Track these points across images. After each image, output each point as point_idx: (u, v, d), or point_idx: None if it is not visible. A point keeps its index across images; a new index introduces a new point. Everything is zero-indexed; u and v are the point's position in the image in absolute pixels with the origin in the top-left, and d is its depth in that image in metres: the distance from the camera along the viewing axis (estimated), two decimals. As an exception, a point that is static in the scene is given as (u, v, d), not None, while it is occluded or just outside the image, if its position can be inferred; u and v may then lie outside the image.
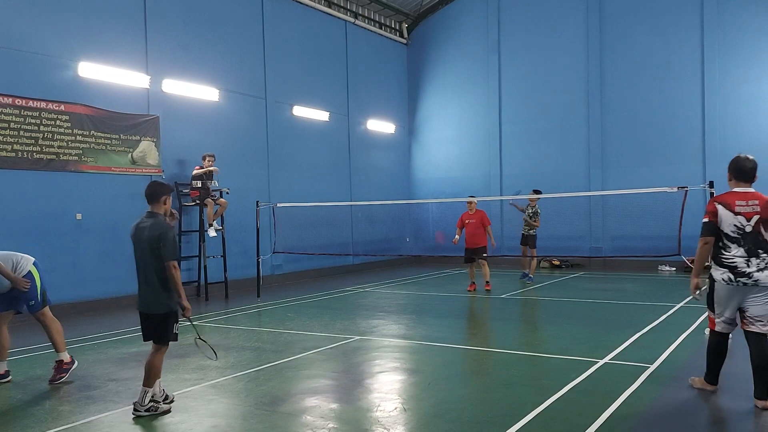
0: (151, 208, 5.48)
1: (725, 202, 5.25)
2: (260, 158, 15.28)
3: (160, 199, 5.48)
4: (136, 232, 5.40)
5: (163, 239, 5.24)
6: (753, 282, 5.14)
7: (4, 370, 6.59)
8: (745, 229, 5.17)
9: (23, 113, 10.42)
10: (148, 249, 5.27)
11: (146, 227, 5.32)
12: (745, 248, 5.17)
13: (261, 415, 5.29)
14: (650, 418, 4.97)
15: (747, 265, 5.15)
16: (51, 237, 10.84)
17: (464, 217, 13.00)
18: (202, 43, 13.83)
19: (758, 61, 15.71)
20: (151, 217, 5.42)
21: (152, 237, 5.25)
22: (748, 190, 5.32)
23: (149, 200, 5.50)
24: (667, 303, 10.58)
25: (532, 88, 18.71)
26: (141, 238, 5.33)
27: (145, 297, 5.37)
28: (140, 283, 5.41)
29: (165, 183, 5.61)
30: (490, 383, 6.33)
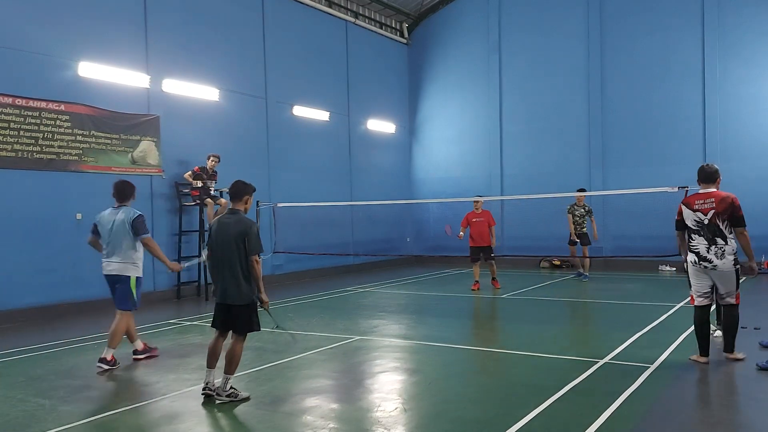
0: (233, 206, 5.75)
1: (687, 203, 6.54)
2: (260, 158, 15.28)
3: (242, 197, 5.76)
4: (219, 228, 5.63)
5: (248, 234, 5.52)
6: (712, 266, 6.34)
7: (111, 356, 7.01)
8: (703, 222, 6.37)
9: (23, 113, 10.42)
10: (233, 244, 5.52)
11: (231, 223, 5.59)
12: (705, 238, 6.36)
13: (261, 415, 5.29)
14: (650, 418, 4.97)
15: (707, 252, 6.35)
16: (51, 237, 10.85)
17: (470, 216, 13.04)
18: (202, 43, 13.83)
19: (758, 61, 15.70)
20: (234, 213, 5.68)
21: (238, 232, 5.52)
22: (709, 190, 6.45)
23: (233, 198, 5.77)
24: (668, 303, 10.57)
25: (533, 87, 18.70)
26: (225, 234, 5.56)
27: (228, 288, 5.60)
28: (221, 276, 5.63)
29: (248, 183, 5.87)
30: (491, 383, 6.33)
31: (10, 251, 10.32)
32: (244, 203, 5.78)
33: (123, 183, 7.35)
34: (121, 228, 7.06)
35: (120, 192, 7.26)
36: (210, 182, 12.54)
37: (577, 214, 14.38)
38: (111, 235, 7.09)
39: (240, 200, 5.76)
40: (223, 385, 5.57)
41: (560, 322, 9.88)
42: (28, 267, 10.54)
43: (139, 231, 7.08)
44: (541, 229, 15.87)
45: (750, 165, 15.60)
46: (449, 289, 13.50)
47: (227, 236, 5.57)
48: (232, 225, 5.60)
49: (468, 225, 13.01)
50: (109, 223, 7.12)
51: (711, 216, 6.31)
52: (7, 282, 10.25)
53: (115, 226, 7.08)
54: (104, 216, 7.22)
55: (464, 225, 13.10)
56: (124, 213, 7.13)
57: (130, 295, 7.12)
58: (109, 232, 7.11)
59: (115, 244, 7.08)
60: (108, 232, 7.11)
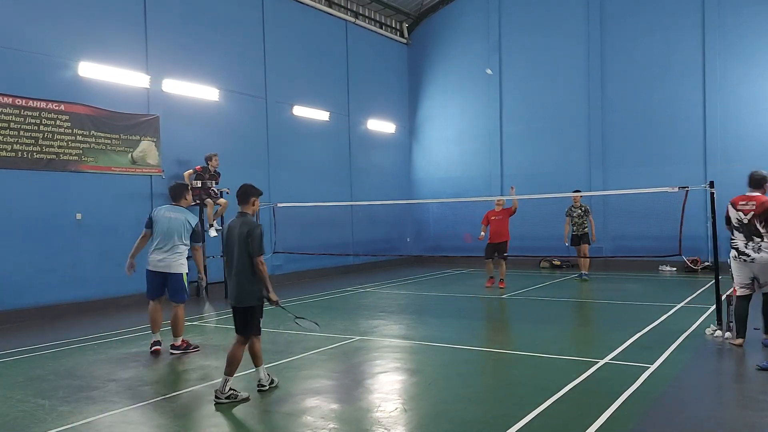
0: (241, 209, 5.85)
1: (733, 202, 7.27)
2: (260, 158, 15.27)
3: (249, 200, 5.86)
4: (228, 231, 5.80)
5: (251, 235, 5.60)
6: (750, 260, 7.01)
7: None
8: (742, 221, 7.09)
9: (23, 113, 10.42)
10: (239, 245, 5.63)
11: (237, 225, 5.73)
12: (744, 235, 7.08)
13: (261, 415, 5.29)
14: (650, 418, 4.97)
15: (745, 247, 7.06)
16: (51, 237, 10.84)
17: (489, 215, 13.32)
18: (202, 43, 13.82)
19: (759, 61, 15.69)
20: (241, 216, 5.80)
21: (242, 233, 5.63)
22: (753, 194, 7.15)
23: (240, 201, 5.87)
24: (668, 303, 10.57)
25: (533, 87, 18.70)
26: (233, 236, 5.70)
27: (237, 290, 5.70)
28: (231, 278, 5.78)
29: (254, 186, 6.01)
30: (491, 383, 6.32)
31: (10, 251, 10.32)
32: (251, 205, 5.87)
33: (176, 185, 7.94)
34: (178, 226, 7.48)
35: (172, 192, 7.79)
36: (210, 182, 12.53)
37: (575, 215, 14.39)
38: (166, 231, 7.47)
39: (247, 203, 5.86)
40: (222, 387, 5.58)
41: (560, 322, 9.87)
42: (28, 267, 10.53)
43: (197, 237, 7.68)
44: (541, 229, 15.86)
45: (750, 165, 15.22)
46: (449, 290, 13.49)
47: (233, 238, 5.69)
48: (238, 227, 5.70)
49: (488, 223, 13.30)
50: (166, 220, 7.50)
51: (750, 217, 7.03)
52: (7, 282, 10.25)
53: (173, 224, 7.48)
54: (160, 211, 7.64)
55: (485, 223, 13.35)
56: (183, 213, 7.62)
57: (184, 288, 7.60)
58: (165, 228, 7.48)
59: (168, 241, 7.46)
60: (164, 228, 7.48)
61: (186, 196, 7.81)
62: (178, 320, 7.54)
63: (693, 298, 11.24)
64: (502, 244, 13.18)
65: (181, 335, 7.63)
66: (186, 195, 7.81)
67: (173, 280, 7.55)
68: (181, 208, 7.70)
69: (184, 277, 7.62)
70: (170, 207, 7.70)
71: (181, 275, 7.59)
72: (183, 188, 7.87)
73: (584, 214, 14.40)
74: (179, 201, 7.74)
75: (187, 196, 7.83)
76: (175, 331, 7.58)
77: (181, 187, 7.86)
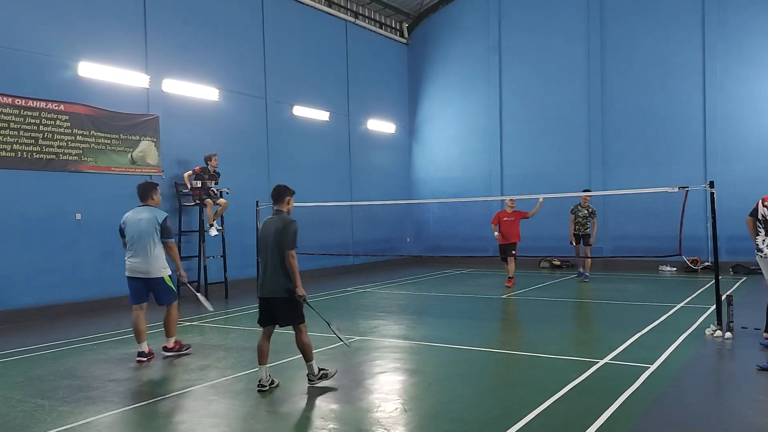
0: (277, 207, 6.14)
1: (763, 199, 7.32)
2: (260, 158, 15.28)
3: (284, 199, 6.14)
4: (264, 227, 6.05)
5: (286, 229, 5.85)
6: (764, 255, 7.18)
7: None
8: (766, 217, 7.17)
9: (23, 113, 10.42)
10: (274, 241, 5.87)
11: (273, 222, 6.00)
12: (765, 230, 7.20)
13: (261, 416, 5.28)
14: (650, 418, 4.96)
15: (762, 243, 7.18)
16: (51, 237, 10.84)
17: (501, 215, 13.49)
18: (202, 43, 13.83)
19: (759, 61, 15.69)
20: (277, 214, 6.09)
21: (278, 228, 5.88)
22: None
23: (275, 200, 6.15)
24: (668, 303, 10.57)
25: (533, 87, 18.70)
26: (268, 232, 5.95)
27: (270, 284, 5.92)
28: (264, 270, 5.97)
29: (288, 186, 6.27)
30: (491, 383, 6.32)
31: (10, 251, 10.32)
32: (286, 204, 6.14)
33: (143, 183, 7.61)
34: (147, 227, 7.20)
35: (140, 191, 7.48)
36: (210, 182, 12.52)
37: (580, 215, 14.40)
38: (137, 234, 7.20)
39: (282, 202, 6.12)
40: (312, 371, 5.98)
41: (560, 322, 9.87)
42: (28, 267, 10.54)
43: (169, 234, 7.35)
44: (541, 229, 15.83)
45: (750, 165, 15.60)
46: (449, 290, 13.49)
47: (269, 234, 5.94)
48: (273, 223, 5.99)
49: (498, 223, 13.46)
50: (135, 223, 7.24)
51: None
52: (7, 282, 10.25)
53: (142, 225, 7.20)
54: (128, 216, 7.35)
55: (495, 223, 13.54)
56: (150, 212, 7.31)
57: (170, 289, 7.37)
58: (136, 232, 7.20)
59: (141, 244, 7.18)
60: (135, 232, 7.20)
61: (153, 196, 7.48)
62: (170, 320, 7.35)
63: (693, 298, 11.24)
64: (512, 244, 13.41)
65: (174, 335, 7.44)
66: (153, 194, 7.49)
67: (157, 285, 7.27)
68: (149, 207, 7.39)
69: (167, 280, 7.33)
70: (138, 209, 7.39)
71: (163, 279, 7.29)
72: (150, 187, 7.55)
73: (589, 215, 14.38)
74: (146, 201, 7.44)
75: (154, 196, 7.49)
76: (168, 331, 7.39)
77: (148, 186, 7.55)
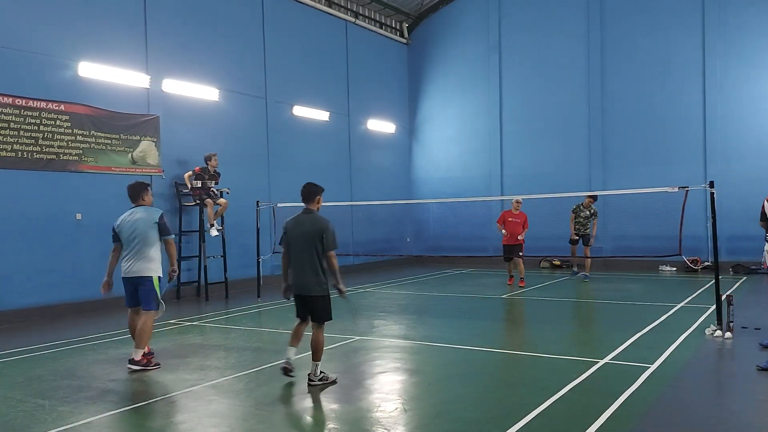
0: (307, 206, 6.21)
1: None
2: (260, 158, 15.27)
3: (314, 198, 6.25)
4: (296, 225, 6.12)
5: (325, 232, 6.00)
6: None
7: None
8: None
9: (23, 113, 10.42)
10: (309, 240, 6.00)
11: (307, 221, 6.08)
12: None
13: (261, 416, 5.28)
14: (650, 418, 4.97)
15: None
16: (51, 237, 10.84)
17: (506, 215, 13.62)
18: (202, 43, 13.83)
19: (759, 61, 15.69)
20: (308, 213, 6.17)
21: (315, 230, 6.00)
22: None
23: (305, 199, 6.24)
24: (668, 303, 10.57)
25: (533, 87, 18.70)
26: (302, 232, 6.05)
27: (306, 281, 6.06)
28: (301, 269, 6.07)
29: (316, 184, 6.36)
30: (491, 383, 6.32)
31: (10, 251, 10.32)
32: (316, 203, 6.27)
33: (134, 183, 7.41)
34: (142, 227, 7.03)
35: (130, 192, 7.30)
36: (210, 182, 12.52)
37: (582, 215, 14.45)
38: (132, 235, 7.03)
39: (312, 201, 6.24)
40: (314, 371, 6.06)
41: (560, 322, 9.87)
42: (28, 267, 10.54)
43: (168, 231, 7.19)
44: (541, 229, 15.83)
45: (750, 165, 15.60)
46: (449, 290, 13.49)
47: (305, 233, 6.04)
48: (309, 223, 6.07)
49: (503, 223, 13.59)
50: (129, 224, 7.06)
51: None
52: (7, 282, 10.25)
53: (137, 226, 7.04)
54: (122, 218, 7.17)
55: (500, 222, 13.69)
56: (144, 211, 7.15)
57: (154, 293, 7.07)
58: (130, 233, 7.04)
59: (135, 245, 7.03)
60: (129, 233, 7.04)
61: (144, 196, 7.28)
62: (144, 330, 6.94)
63: (693, 298, 11.24)
64: (517, 246, 13.48)
65: (143, 348, 6.93)
66: (144, 195, 7.29)
67: (142, 284, 7.02)
68: (143, 207, 7.20)
69: (154, 281, 7.05)
70: (131, 210, 7.20)
71: (151, 279, 7.03)
72: (141, 188, 7.33)
73: (591, 216, 14.44)
74: (137, 201, 7.26)
75: (145, 196, 7.29)
76: (138, 341, 6.93)
77: (138, 187, 7.33)
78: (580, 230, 14.46)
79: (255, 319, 10.38)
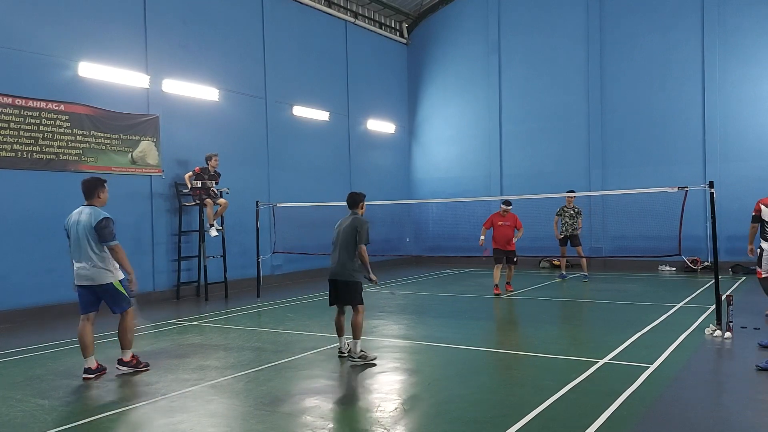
0: (353, 211, 7.33)
1: (764, 203, 7.81)
2: (260, 158, 15.28)
3: (358, 204, 7.36)
4: (342, 222, 7.28)
5: (360, 228, 7.09)
6: None
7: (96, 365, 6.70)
8: None
9: (23, 113, 10.42)
10: (346, 234, 7.10)
11: (348, 221, 7.21)
12: None
13: (261, 416, 5.28)
14: (650, 418, 4.97)
15: None
16: (51, 237, 10.83)
17: (495, 219, 12.45)
18: (202, 43, 13.83)
19: (759, 61, 15.70)
20: (353, 215, 7.29)
21: (353, 227, 7.11)
22: None
23: (350, 206, 7.37)
24: (668, 303, 10.57)
25: (533, 87, 18.71)
26: (343, 228, 7.18)
27: (340, 269, 7.13)
28: (335, 259, 7.19)
29: (359, 193, 7.49)
30: (491, 383, 6.32)
31: (10, 251, 10.32)
32: (360, 208, 7.36)
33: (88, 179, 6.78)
34: (84, 230, 6.49)
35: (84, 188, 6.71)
36: (210, 182, 12.52)
37: (567, 215, 14.40)
38: (76, 237, 6.53)
39: (357, 207, 7.35)
40: (354, 349, 6.93)
41: (560, 322, 9.87)
42: (28, 267, 10.54)
43: (106, 237, 6.48)
44: (541, 229, 15.84)
45: (750, 165, 15.61)
46: (449, 290, 13.49)
47: (344, 229, 7.14)
48: (350, 221, 7.19)
49: (492, 227, 12.46)
50: (74, 225, 6.55)
51: None
52: (7, 282, 10.25)
53: (80, 228, 6.50)
54: (71, 218, 6.65)
55: (487, 226, 12.52)
56: (88, 212, 6.57)
57: (121, 295, 6.65)
58: (75, 235, 6.54)
59: (80, 249, 6.51)
60: (75, 235, 6.54)
61: (100, 194, 6.67)
62: (125, 330, 6.67)
63: (693, 298, 11.24)
64: (511, 252, 12.43)
65: (130, 348, 6.74)
66: (100, 192, 6.68)
67: (105, 292, 6.57)
68: (91, 208, 6.58)
69: (116, 285, 6.58)
70: (80, 209, 6.63)
71: (112, 284, 6.55)
72: (96, 183, 6.69)
73: (576, 215, 14.40)
74: (91, 199, 6.65)
75: (101, 194, 6.68)
76: (122, 342, 6.71)
77: (93, 183, 6.69)
78: (568, 231, 14.42)
79: (255, 319, 10.37)
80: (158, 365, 7.07)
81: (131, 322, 6.81)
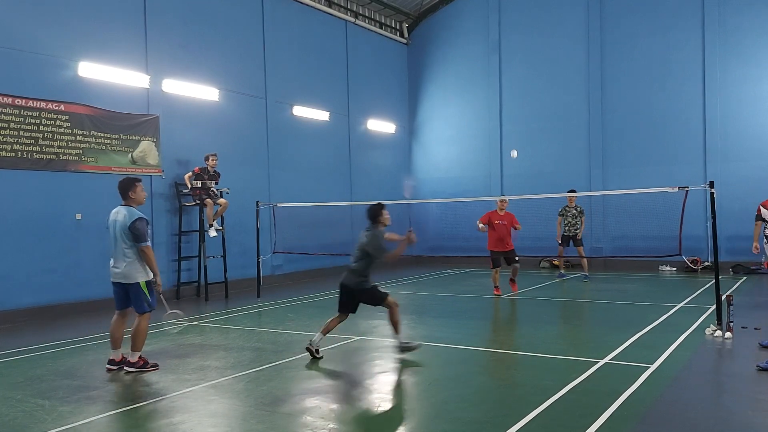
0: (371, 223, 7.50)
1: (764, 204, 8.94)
2: (260, 158, 15.28)
3: (377, 218, 7.49)
4: (361, 237, 7.50)
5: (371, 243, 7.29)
6: None
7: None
8: None
9: (23, 113, 10.42)
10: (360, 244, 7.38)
11: (366, 235, 7.42)
12: None
13: (261, 416, 5.28)
14: (650, 418, 4.97)
15: None
16: (51, 237, 10.84)
17: (492, 217, 11.88)
18: (202, 43, 13.83)
19: (759, 61, 15.69)
20: (371, 229, 7.46)
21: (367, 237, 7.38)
22: None
23: (371, 220, 7.50)
24: (668, 303, 10.57)
25: (533, 87, 18.71)
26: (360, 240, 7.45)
27: (351, 278, 7.36)
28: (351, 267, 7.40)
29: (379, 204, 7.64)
30: (491, 383, 6.32)
31: (10, 251, 10.32)
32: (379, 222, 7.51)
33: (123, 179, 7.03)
34: (119, 229, 6.74)
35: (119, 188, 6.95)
36: (210, 182, 12.52)
37: (569, 215, 14.41)
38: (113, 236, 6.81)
39: (376, 222, 7.49)
40: (400, 341, 7.33)
41: (560, 322, 9.87)
42: (28, 267, 10.53)
43: (139, 238, 6.72)
44: (541, 229, 15.84)
45: (750, 165, 15.61)
46: (449, 290, 13.49)
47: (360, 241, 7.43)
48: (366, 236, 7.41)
49: (488, 224, 11.90)
50: (112, 224, 6.84)
51: None
52: (7, 282, 10.25)
53: (116, 227, 6.78)
54: (110, 216, 6.92)
55: (484, 221, 11.90)
56: (123, 211, 6.81)
57: (144, 297, 6.84)
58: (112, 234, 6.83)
59: (116, 247, 6.80)
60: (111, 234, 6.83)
61: (131, 194, 6.88)
62: (138, 333, 6.81)
63: (693, 298, 11.24)
64: (510, 252, 11.96)
65: (140, 351, 6.86)
66: (131, 192, 6.88)
67: (131, 291, 6.81)
68: (128, 207, 6.82)
69: (142, 285, 6.80)
70: (117, 209, 6.88)
71: (138, 284, 6.77)
72: (130, 183, 6.92)
73: (579, 215, 14.41)
74: (126, 199, 6.88)
75: (132, 194, 6.88)
76: (133, 344, 6.84)
77: (125, 183, 6.92)
78: (571, 231, 14.43)
79: (255, 319, 10.37)
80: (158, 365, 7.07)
81: (144, 327, 6.89)
